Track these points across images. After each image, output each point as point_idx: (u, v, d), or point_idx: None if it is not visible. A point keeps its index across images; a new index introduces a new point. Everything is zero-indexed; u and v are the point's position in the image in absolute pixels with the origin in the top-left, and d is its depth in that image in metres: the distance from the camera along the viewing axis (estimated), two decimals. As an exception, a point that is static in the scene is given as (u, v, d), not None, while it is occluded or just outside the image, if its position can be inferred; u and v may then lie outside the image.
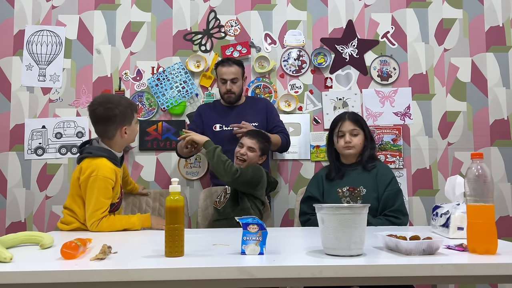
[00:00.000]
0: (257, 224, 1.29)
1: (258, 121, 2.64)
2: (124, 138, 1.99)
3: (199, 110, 2.76)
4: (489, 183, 1.30)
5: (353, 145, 2.13)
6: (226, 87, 2.61)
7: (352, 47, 3.02)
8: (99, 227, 1.85)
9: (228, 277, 1.14)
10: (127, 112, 1.97)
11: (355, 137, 2.14)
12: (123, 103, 1.98)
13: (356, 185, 2.08)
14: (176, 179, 1.35)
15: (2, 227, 2.85)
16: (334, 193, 2.10)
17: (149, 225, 1.92)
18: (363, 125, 2.18)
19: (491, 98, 3.00)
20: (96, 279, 1.12)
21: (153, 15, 3.01)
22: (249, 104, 2.73)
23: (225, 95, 2.65)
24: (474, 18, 3.05)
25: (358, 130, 2.15)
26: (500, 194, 2.94)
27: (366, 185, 2.07)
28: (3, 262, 1.20)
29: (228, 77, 2.60)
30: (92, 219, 1.85)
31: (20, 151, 2.90)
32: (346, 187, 2.09)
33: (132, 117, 2.00)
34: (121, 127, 1.96)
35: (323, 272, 1.15)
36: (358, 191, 2.07)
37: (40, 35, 2.97)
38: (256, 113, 2.67)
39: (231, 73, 2.60)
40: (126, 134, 1.98)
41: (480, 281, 1.24)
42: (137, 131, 2.10)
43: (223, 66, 2.62)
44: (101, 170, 1.87)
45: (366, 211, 1.29)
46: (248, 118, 2.61)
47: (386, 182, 2.06)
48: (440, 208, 1.70)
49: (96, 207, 1.85)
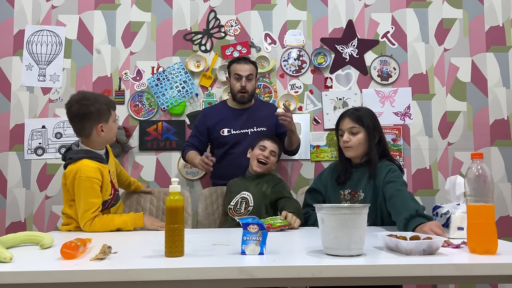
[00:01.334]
0: (257, 224, 1.29)
1: (267, 126, 2.60)
2: (101, 136, 1.97)
3: (205, 114, 2.68)
4: (489, 183, 1.30)
5: (351, 144, 1.96)
6: (241, 84, 2.54)
7: (352, 47, 3.02)
8: (92, 227, 1.86)
9: (228, 277, 1.14)
10: (102, 109, 1.95)
11: (355, 136, 1.97)
12: (100, 100, 1.96)
13: (357, 188, 1.98)
14: (176, 179, 1.35)
15: (2, 227, 2.85)
16: (337, 194, 2.05)
17: (142, 225, 1.92)
18: (365, 122, 1.97)
19: (491, 98, 3.00)
20: (96, 279, 1.12)
21: (153, 15, 3.01)
22: (259, 108, 2.66)
23: (239, 94, 2.56)
24: (474, 18, 3.05)
25: (358, 128, 1.96)
26: (500, 194, 2.94)
27: (365, 189, 1.96)
28: (3, 262, 1.20)
29: (244, 73, 2.54)
30: (83, 220, 1.86)
31: (20, 151, 2.90)
32: (348, 190, 2.01)
33: (109, 114, 1.98)
34: (96, 124, 1.94)
35: (323, 272, 1.15)
36: (358, 195, 1.97)
37: (40, 35, 2.97)
38: (266, 118, 2.60)
39: (247, 70, 2.55)
40: (102, 132, 1.96)
41: (480, 281, 1.24)
42: (115, 129, 2.05)
43: (238, 63, 2.57)
44: (83, 171, 1.87)
45: (366, 211, 1.29)
46: (258, 122, 2.58)
47: (383, 175, 1.89)
48: (440, 208, 1.70)
49: (85, 208, 1.86)
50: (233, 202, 2.29)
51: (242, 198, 2.27)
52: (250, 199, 2.25)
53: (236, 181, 2.40)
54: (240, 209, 2.25)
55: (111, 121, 2.00)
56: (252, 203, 2.23)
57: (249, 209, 2.22)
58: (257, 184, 2.30)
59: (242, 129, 2.59)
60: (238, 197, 2.29)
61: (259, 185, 2.29)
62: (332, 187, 2.08)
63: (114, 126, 2.04)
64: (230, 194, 2.35)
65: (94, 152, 1.97)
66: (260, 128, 2.58)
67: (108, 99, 2.03)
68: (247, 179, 2.37)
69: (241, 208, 2.25)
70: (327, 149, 2.94)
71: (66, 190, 1.95)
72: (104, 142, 2.02)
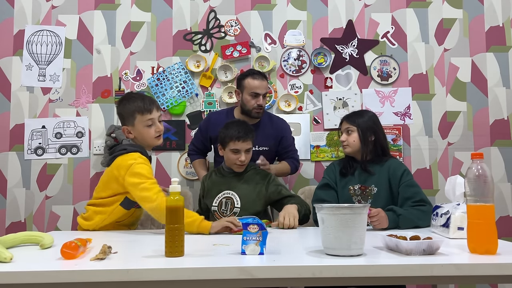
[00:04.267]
0: (257, 224, 1.29)
1: (269, 146, 2.52)
2: (132, 138, 1.97)
3: (210, 122, 2.60)
4: (489, 183, 1.30)
5: (346, 143, 2.14)
6: (258, 102, 2.44)
7: (352, 47, 3.02)
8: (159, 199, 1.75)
9: (228, 277, 1.14)
10: (125, 112, 1.96)
11: (350, 135, 2.14)
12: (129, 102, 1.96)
13: (368, 183, 2.08)
14: (176, 179, 1.35)
15: (2, 227, 2.85)
16: (346, 190, 2.11)
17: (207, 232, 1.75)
18: (357, 121, 2.14)
19: (491, 98, 3.00)
20: (96, 279, 1.13)
21: (153, 15, 3.01)
22: (265, 125, 2.56)
23: (254, 111, 2.46)
24: (474, 18, 3.05)
25: (352, 127, 2.14)
26: (500, 194, 2.94)
27: (378, 184, 2.06)
28: (3, 262, 1.20)
29: (262, 92, 2.44)
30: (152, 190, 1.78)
31: (20, 151, 2.90)
32: (357, 185, 2.10)
33: (133, 119, 1.94)
34: (123, 126, 1.98)
35: (323, 272, 1.15)
36: (370, 190, 2.07)
37: (40, 35, 2.97)
38: (270, 138, 2.53)
39: (264, 88, 2.46)
40: (131, 134, 1.96)
41: (480, 281, 1.24)
42: (151, 133, 1.95)
43: (254, 79, 2.45)
44: (138, 160, 1.86)
45: (366, 211, 1.29)
46: (260, 141, 2.47)
47: (398, 176, 2.04)
48: (440, 208, 1.70)
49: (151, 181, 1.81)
50: (216, 202, 2.14)
51: (226, 198, 2.13)
52: (236, 199, 2.12)
53: (214, 179, 2.23)
54: (226, 211, 2.11)
55: (140, 126, 1.93)
56: (238, 204, 2.10)
57: (235, 210, 2.09)
58: (243, 182, 2.16)
59: None
60: (221, 197, 2.14)
61: (246, 184, 2.16)
62: (340, 183, 2.15)
63: (146, 131, 1.94)
64: (209, 192, 2.20)
65: (145, 150, 1.96)
66: (262, 147, 2.51)
67: (139, 103, 1.94)
68: (226, 175, 2.21)
69: (226, 209, 2.11)
70: (327, 149, 2.94)
71: (112, 179, 1.88)
72: (145, 144, 1.98)
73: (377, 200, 2.03)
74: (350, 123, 2.16)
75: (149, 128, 1.95)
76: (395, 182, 2.05)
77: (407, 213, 1.87)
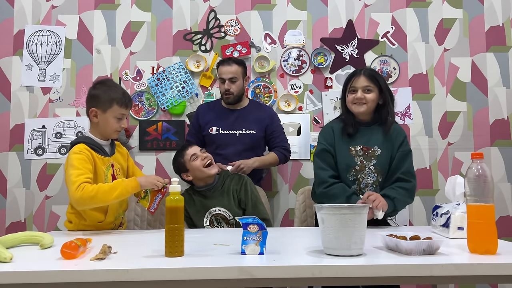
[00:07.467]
0: (257, 224, 1.29)
1: (257, 130, 2.58)
2: (95, 122, 1.93)
3: (198, 111, 2.70)
4: (489, 183, 1.30)
5: (366, 101, 2.01)
6: (225, 87, 2.55)
7: (352, 47, 3.02)
8: (84, 192, 1.73)
9: (228, 277, 1.14)
10: (104, 98, 1.91)
11: (368, 93, 2.01)
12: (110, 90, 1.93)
13: (370, 144, 2.03)
14: (176, 179, 1.35)
15: (2, 227, 2.85)
16: (346, 150, 2.04)
17: (139, 188, 1.84)
18: (379, 81, 2.04)
19: (491, 98, 3.00)
20: (96, 279, 1.13)
21: (153, 15, 3.01)
22: (251, 110, 2.64)
23: (224, 96, 2.59)
24: (474, 18, 3.05)
25: (372, 87, 2.02)
26: (500, 194, 2.94)
27: (381, 146, 2.02)
28: (3, 262, 1.20)
29: (226, 76, 2.54)
30: (74, 184, 1.74)
31: (20, 151, 2.90)
32: (359, 146, 2.03)
33: (109, 105, 1.91)
34: (91, 107, 1.93)
35: (323, 272, 1.15)
36: (373, 151, 2.02)
37: (40, 35, 2.97)
38: (256, 122, 2.59)
39: (230, 72, 2.55)
40: (95, 118, 1.92)
41: (480, 281, 1.24)
42: (114, 126, 1.94)
43: (222, 66, 2.57)
44: (74, 149, 1.85)
45: (366, 211, 1.29)
46: (247, 125, 2.57)
47: (399, 141, 2.03)
48: (440, 208, 1.70)
49: (77, 173, 1.77)
50: (206, 222, 2.15)
51: (215, 216, 2.14)
52: (225, 213, 2.13)
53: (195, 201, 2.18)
54: (221, 225, 2.14)
55: (111, 115, 1.93)
56: (231, 216, 2.12)
57: (232, 222, 2.12)
58: (221, 193, 2.17)
59: (230, 129, 2.57)
60: (209, 216, 2.14)
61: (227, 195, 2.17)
62: (340, 143, 2.06)
63: (112, 122, 1.94)
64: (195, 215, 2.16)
65: (94, 140, 1.93)
66: (249, 130, 2.56)
67: (120, 95, 1.94)
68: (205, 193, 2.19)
69: (221, 224, 2.14)
70: (327, 149, 2.94)
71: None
72: (102, 133, 1.96)
73: (380, 161, 2.00)
74: (371, 81, 2.02)
75: (117, 121, 1.95)
76: (396, 145, 2.03)
77: (398, 195, 1.93)
